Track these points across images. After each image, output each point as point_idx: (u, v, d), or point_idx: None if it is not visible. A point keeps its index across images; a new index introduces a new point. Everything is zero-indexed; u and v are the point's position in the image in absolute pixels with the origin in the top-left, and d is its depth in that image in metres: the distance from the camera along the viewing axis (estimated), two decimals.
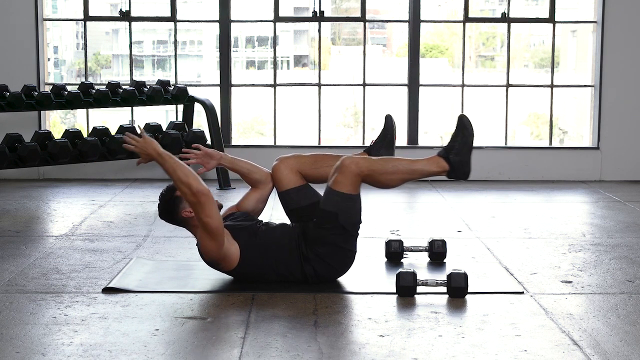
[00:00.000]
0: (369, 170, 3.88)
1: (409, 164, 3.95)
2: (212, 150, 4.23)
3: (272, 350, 3.13)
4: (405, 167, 3.94)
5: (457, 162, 3.94)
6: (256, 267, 3.93)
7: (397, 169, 3.92)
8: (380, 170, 3.90)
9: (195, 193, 3.72)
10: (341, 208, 3.88)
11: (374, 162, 3.92)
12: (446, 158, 3.96)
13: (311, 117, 7.94)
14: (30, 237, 5.13)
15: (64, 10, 9.64)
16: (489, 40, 11.88)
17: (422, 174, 3.97)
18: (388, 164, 3.93)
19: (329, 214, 3.88)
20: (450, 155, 3.95)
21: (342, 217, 3.88)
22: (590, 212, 6.24)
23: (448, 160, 3.95)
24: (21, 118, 7.41)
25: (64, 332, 3.32)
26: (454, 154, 3.95)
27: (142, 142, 3.83)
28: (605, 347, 3.20)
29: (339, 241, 3.92)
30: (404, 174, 3.94)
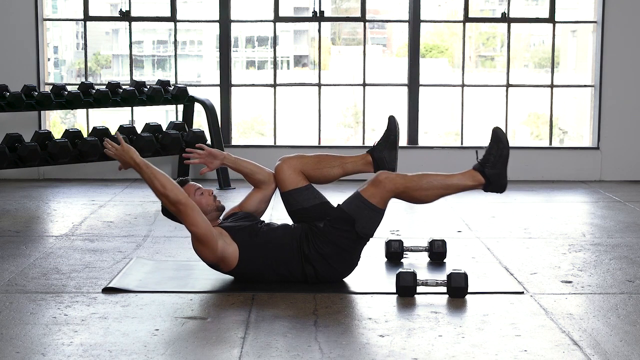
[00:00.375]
0: (404, 187, 3.90)
1: (444, 179, 3.96)
2: (216, 150, 4.23)
3: (272, 350, 3.13)
4: (440, 183, 3.95)
5: (493, 175, 3.94)
6: (256, 267, 3.94)
7: (431, 185, 3.93)
8: (414, 187, 3.91)
9: (174, 203, 3.76)
10: (362, 216, 3.89)
11: (409, 179, 3.92)
12: (482, 172, 3.96)
13: (311, 117, 7.94)
14: (30, 237, 5.13)
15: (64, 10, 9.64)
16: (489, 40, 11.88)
17: (458, 189, 3.98)
18: (422, 180, 3.93)
19: (348, 217, 3.89)
20: (486, 169, 3.95)
21: (359, 225, 3.89)
22: (590, 212, 6.24)
23: (484, 174, 3.95)
24: (21, 118, 7.41)
25: (64, 332, 3.32)
26: (490, 167, 3.95)
27: (120, 150, 3.85)
28: (605, 347, 3.20)
29: (345, 245, 3.92)
30: (439, 190, 3.95)
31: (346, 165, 4.18)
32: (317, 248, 3.92)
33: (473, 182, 3.97)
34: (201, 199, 3.95)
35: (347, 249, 3.93)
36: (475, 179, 3.96)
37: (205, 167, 4.20)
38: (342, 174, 4.20)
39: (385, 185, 3.88)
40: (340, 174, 4.18)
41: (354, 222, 3.88)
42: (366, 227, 3.91)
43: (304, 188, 4.10)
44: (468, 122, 7.94)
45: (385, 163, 4.18)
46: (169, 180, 3.78)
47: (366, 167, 4.21)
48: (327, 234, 3.91)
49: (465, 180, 3.96)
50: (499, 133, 3.99)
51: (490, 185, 3.96)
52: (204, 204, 3.95)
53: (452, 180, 3.96)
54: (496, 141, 3.97)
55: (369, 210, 3.89)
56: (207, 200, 3.96)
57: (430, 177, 3.94)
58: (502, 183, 3.96)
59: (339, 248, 3.92)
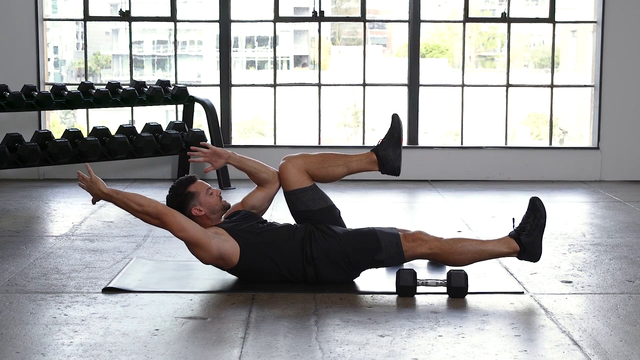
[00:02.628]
0: (439, 249, 3.96)
1: (479, 245, 4.00)
2: (221, 149, 4.22)
3: (272, 350, 3.13)
4: (475, 248, 3.99)
5: (528, 244, 3.96)
6: (258, 266, 3.94)
7: (466, 249, 3.98)
8: (448, 250, 3.96)
9: (156, 216, 3.82)
10: (387, 251, 3.94)
11: (445, 242, 3.97)
12: (517, 239, 3.97)
13: (311, 117, 7.94)
14: (30, 237, 5.13)
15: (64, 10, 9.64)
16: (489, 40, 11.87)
17: (492, 255, 4.01)
18: (457, 244, 3.98)
19: (377, 243, 3.94)
20: (522, 237, 3.97)
21: (381, 255, 3.94)
22: (590, 212, 6.24)
23: (519, 242, 3.97)
24: (21, 118, 7.41)
25: (64, 332, 3.32)
26: (525, 235, 3.97)
27: (88, 183, 3.94)
28: (605, 347, 3.20)
29: (356, 260, 3.94)
30: (473, 254, 3.99)
31: (351, 163, 4.17)
32: (324, 250, 3.92)
33: (508, 249, 3.99)
34: (210, 199, 3.97)
35: (355, 264, 3.96)
36: (510, 247, 3.99)
37: (209, 165, 4.20)
38: (347, 173, 4.20)
39: (421, 246, 3.96)
40: (344, 172, 4.18)
41: (380, 250, 3.93)
42: (384, 260, 3.96)
43: (309, 188, 4.10)
44: (468, 122, 7.94)
45: (389, 161, 4.17)
46: (142, 198, 3.85)
47: (371, 166, 4.21)
48: (343, 243, 3.93)
49: (500, 247, 3.99)
50: (537, 203, 4.00)
51: (525, 254, 3.98)
52: (213, 204, 3.97)
53: (487, 246, 4.00)
54: (533, 210, 3.99)
55: (396, 252, 3.95)
56: (215, 201, 3.98)
57: (466, 242, 4.00)
58: (537, 252, 3.98)
59: (349, 260, 3.94)
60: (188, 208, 3.94)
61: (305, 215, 4.07)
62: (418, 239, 3.96)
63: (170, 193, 4.00)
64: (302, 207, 4.08)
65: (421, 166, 7.59)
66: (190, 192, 3.95)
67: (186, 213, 3.95)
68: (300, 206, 4.08)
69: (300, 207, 4.08)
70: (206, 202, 3.95)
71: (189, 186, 3.97)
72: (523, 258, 4.00)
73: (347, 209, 4.33)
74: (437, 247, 3.96)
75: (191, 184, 3.98)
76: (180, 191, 3.96)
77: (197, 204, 3.93)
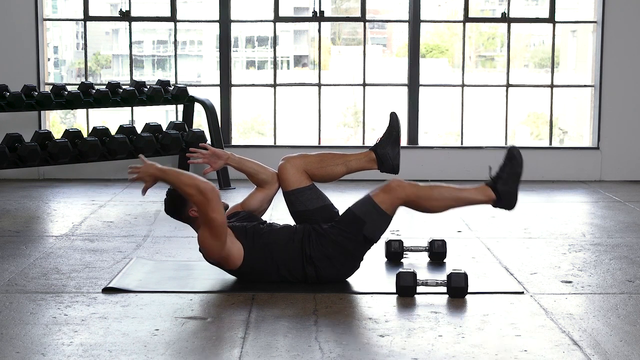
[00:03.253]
0: (415, 196, 3.92)
1: (455, 192, 3.98)
2: (220, 150, 4.22)
3: (272, 350, 3.13)
4: (451, 195, 3.97)
5: (504, 192, 3.96)
6: (259, 267, 3.94)
7: (442, 196, 3.95)
8: (425, 197, 3.93)
9: (203, 191, 3.73)
10: (371, 219, 3.90)
11: (421, 188, 3.94)
12: (493, 188, 3.97)
13: (311, 117, 7.94)
14: (30, 237, 5.13)
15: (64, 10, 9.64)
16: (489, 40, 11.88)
17: (468, 202, 4.00)
18: (434, 191, 3.95)
19: (357, 219, 3.90)
20: (498, 185, 3.97)
21: (367, 228, 3.90)
22: (590, 212, 6.24)
23: (495, 190, 3.97)
24: (21, 118, 7.41)
25: (64, 332, 3.32)
26: (502, 183, 3.96)
27: (143, 167, 3.87)
28: (605, 347, 3.20)
29: (351, 247, 3.92)
30: (449, 201, 3.97)
31: (350, 163, 4.18)
32: (321, 249, 3.92)
33: (484, 197, 3.98)
34: None
35: (351, 251, 3.94)
36: (486, 194, 3.98)
37: (208, 166, 4.19)
38: (346, 172, 4.20)
39: (396, 193, 3.90)
40: (343, 171, 4.18)
41: (363, 224, 3.89)
42: (374, 231, 3.93)
43: (307, 188, 4.10)
44: (468, 122, 7.94)
45: (388, 159, 4.18)
46: (191, 173, 3.81)
47: (370, 164, 4.22)
48: (333, 234, 3.91)
49: (476, 195, 3.98)
50: (514, 151, 4.01)
51: (500, 202, 3.98)
52: None
53: (463, 193, 3.98)
54: (510, 158, 4.00)
55: (378, 214, 3.91)
56: None
57: (442, 189, 3.97)
58: (513, 201, 3.98)
59: (343, 249, 3.92)
60: (185, 210, 3.92)
61: (304, 215, 4.07)
62: (392, 189, 3.91)
63: (168, 195, 3.98)
64: (300, 207, 4.08)
65: (421, 166, 7.59)
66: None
67: (184, 215, 3.94)
68: (298, 206, 4.09)
69: (299, 207, 4.09)
70: None
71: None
72: (498, 206, 3.98)
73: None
74: (414, 193, 3.91)
75: None
76: (177, 194, 3.95)
77: (193, 206, 3.92)
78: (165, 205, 3.99)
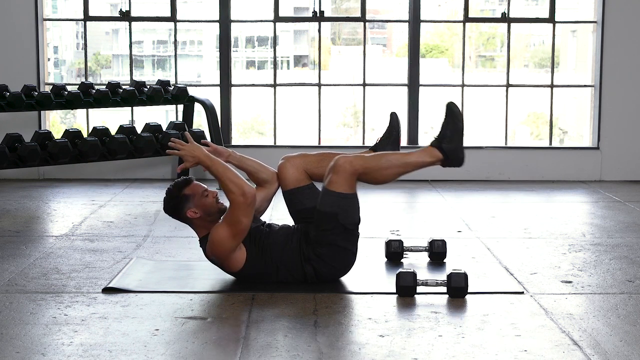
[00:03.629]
0: (363, 168, 3.89)
1: (403, 157, 3.96)
2: (221, 147, 4.20)
3: (272, 350, 3.13)
4: (399, 161, 3.94)
5: (450, 150, 3.94)
6: (260, 269, 3.94)
7: (391, 163, 3.93)
8: (374, 167, 3.90)
9: (246, 194, 3.76)
10: (340, 207, 3.88)
11: (368, 159, 3.92)
12: (439, 147, 3.96)
13: (311, 117, 7.94)
14: (30, 237, 5.13)
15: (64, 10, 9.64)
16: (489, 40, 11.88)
17: (417, 166, 3.98)
18: (381, 159, 3.93)
19: (328, 214, 3.88)
20: (443, 144, 3.95)
21: (341, 217, 3.88)
22: (590, 212, 6.24)
23: (441, 149, 3.95)
24: (21, 118, 7.41)
25: (64, 332, 3.32)
26: (447, 142, 3.95)
27: (190, 146, 3.86)
28: (605, 347, 3.20)
29: (339, 241, 3.92)
30: (398, 168, 3.94)
31: None
32: (314, 250, 3.93)
33: (431, 158, 3.97)
34: (206, 200, 3.92)
35: (341, 245, 3.93)
36: (433, 155, 3.97)
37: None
38: None
39: (345, 169, 3.87)
40: None
41: (336, 215, 3.87)
42: (348, 216, 3.90)
43: (306, 187, 4.10)
44: (468, 122, 7.89)
45: None
46: (237, 172, 3.83)
47: None
48: (319, 237, 3.91)
49: (423, 157, 3.97)
50: (453, 107, 3.99)
51: (448, 160, 3.96)
52: (209, 205, 3.92)
53: (411, 158, 3.96)
54: (451, 115, 3.97)
55: (342, 199, 3.88)
56: (211, 202, 3.94)
57: (389, 156, 3.95)
58: (460, 157, 3.96)
59: (334, 246, 3.92)
60: (184, 210, 3.92)
61: (303, 214, 4.07)
62: (340, 166, 3.87)
63: (166, 196, 3.97)
64: (299, 206, 4.09)
65: None
66: (186, 194, 3.92)
67: (182, 216, 3.94)
68: (297, 205, 4.09)
69: (298, 206, 4.09)
70: (202, 204, 3.92)
71: (185, 188, 3.94)
72: (447, 165, 3.98)
73: None
74: (361, 165, 3.88)
75: (187, 186, 3.95)
76: (175, 194, 3.94)
77: (192, 207, 3.91)
78: (164, 203, 3.99)
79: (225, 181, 3.79)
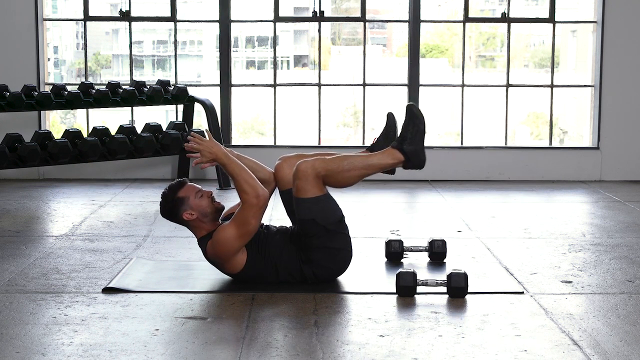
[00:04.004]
0: (325, 170, 3.88)
1: (364, 159, 3.95)
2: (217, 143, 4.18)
3: (272, 350, 3.13)
4: (361, 163, 3.94)
5: (411, 152, 3.93)
6: (258, 271, 3.94)
7: (353, 165, 3.92)
8: (336, 169, 3.90)
9: (259, 196, 3.78)
10: (315, 212, 3.88)
11: (329, 161, 3.91)
12: (400, 149, 3.95)
13: (311, 117, 7.94)
14: (30, 237, 5.13)
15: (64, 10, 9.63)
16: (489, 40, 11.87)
17: (379, 168, 3.97)
18: (343, 161, 3.92)
19: (307, 221, 3.89)
20: (404, 146, 3.94)
21: (320, 219, 3.88)
22: (590, 212, 6.24)
23: (402, 151, 3.94)
24: (21, 118, 7.41)
25: (64, 332, 3.32)
26: (408, 143, 3.94)
27: (209, 142, 3.87)
28: (605, 347, 3.20)
29: (327, 242, 3.91)
30: (360, 170, 3.94)
31: None
32: (307, 256, 3.93)
33: (392, 159, 3.96)
34: (201, 201, 3.92)
35: (330, 246, 3.92)
36: (394, 157, 3.96)
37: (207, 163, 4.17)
38: None
39: (307, 174, 3.87)
40: None
41: (314, 220, 3.88)
42: (326, 217, 3.90)
43: None
44: (468, 122, 7.94)
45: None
46: (253, 176, 3.85)
47: None
48: (308, 244, 3.92)
49: (385, 159, 3.96)
50: (414, 109, 3.97)
51: (410, 162, 3.95)
52: (204, 206, 3.92)
53: (372, 160, 3.96)
54: (411, 117, 3.96)
55: (314, 204, 3.88)
56: (207, 203, 3.93)
57: (351, 158, 3.94)
58: (421, 159, 3.96)
59: (323, 249, 3.92)
60: (180, 213, 3.91)
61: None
62: (302, 171, 3.87)
63: (162, 199, 3.97)
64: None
65: None
66: (180, 197, 3.92)
67: (178, 218, 3.93)
68: (294, 205, 4.09)
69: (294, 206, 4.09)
70: (197, 206, 3.91)
71: (179, 191, 3.93)
72: (409, 167, 3.97)
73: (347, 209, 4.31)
74: (323, 167, 3.87)
75: (180, 188, 3.94)
76: (170, 197, 3.93)
77: (187, 208, 3.90)
78: (160, 207, 3.99)
79: (240, 181, 3.80)
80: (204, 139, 3.89)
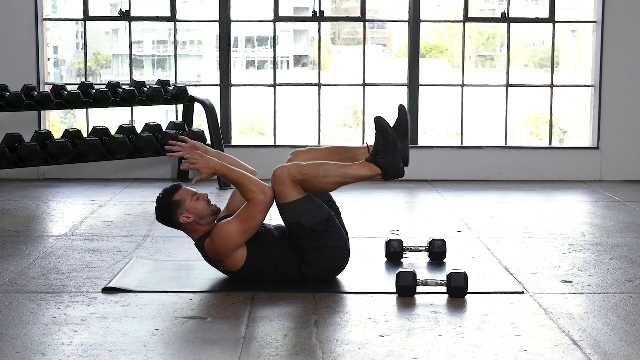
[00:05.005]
0: (301, 175, 3.86)
1: (341, 168, 3.92)
2: (199, 143, 4.16)
3: (272, 350, 3.13)
4: (338, 172, 3.91)
5: (387, 164, 3.92)
6: (257, 269, 3.94)
7: (329, 172, 3.89)
8: (312, 174, 3.87)
9: (266, 192, 3.81)
10: (299, 215, 3.87)
11: (306, 166, 3.89)
12: (375, 163, 3.93)
13: (311, 117, 7.94)
14: (30, 237, 5.13)
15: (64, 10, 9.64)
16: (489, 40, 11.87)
17: (356, 178, 3.95)
18: (320, 168, 3.90)
19: (293, 225, 3.89)
20: (378, 160, 3.93)
21: (305, 222, 3.87)
22: (590, 212, 6.24)
23: (378, 165, 3.93)
24: (21, 118, 7.41)
25: (64, 332, 3.32)
26: (381, 157, 3.93)
27: (204, 160, 3.88)
28: (605, 347, 3.20)
29: (318, 243, 3.91)
30: (337, 178, 3.91)
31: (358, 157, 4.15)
32: (302, 257, 3.93)
33: (371, 172, 3.93)
34: (197, 204, 3.92)
35: (322, 246, 3.92)
36: (371, 170, 3.93)
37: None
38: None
39: (284, 180, 3.85)
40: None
41: (299, 223, 3.87)
42: (311, 219, 3.88)
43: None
44: (468, 122, 7.94)
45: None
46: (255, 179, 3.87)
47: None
48: (300, 247, 3.92)
49: (362, 171, 3.93)
50: (381, 122, 3.94)
51: (389, 174, 3.93)
52: (200, 209, 3.91)
53: (350, 170, 3.93)
54: (380, 130, 3.94)
55: (296, 207, 3.87)
56: (203, 206, 3.93)
57: (328, 166, 3.92)
58: (399, 168, 3.94)
59: (315, 250, 3.91)
60: (176, 217, 3.91)
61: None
62: (278, 178, 3.86)
63: (157, 204, 3.97)
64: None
65: (421, 166, 7.59)
66: (176, 200, 3.92)
67: (175, 222, 3.93)
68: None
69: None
70: (193, 209, 3.91)
71: (174, 195, 3.93)
72: (390, 179, 3.95)
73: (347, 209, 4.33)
74: (299, 172, 3.86)
75: (176, 192, 3.94)
76: (165, 202, 3.93)
77: (184, 212, 3.90)
78: (156, 212, 3.98)
79: (245, 184, 3.83)
80: (198, 157, 3.89)
